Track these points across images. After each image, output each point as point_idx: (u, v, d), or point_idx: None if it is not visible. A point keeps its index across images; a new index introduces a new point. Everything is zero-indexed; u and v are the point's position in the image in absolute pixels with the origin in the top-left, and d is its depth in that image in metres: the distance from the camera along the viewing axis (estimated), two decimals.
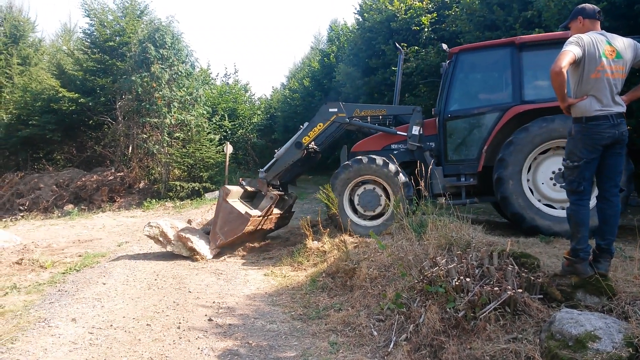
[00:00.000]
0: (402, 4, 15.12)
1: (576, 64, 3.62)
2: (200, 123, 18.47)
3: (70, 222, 12.45)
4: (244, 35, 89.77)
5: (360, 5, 18.12)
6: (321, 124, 7.86)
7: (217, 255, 7.32)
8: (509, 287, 3.56)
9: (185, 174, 17.40)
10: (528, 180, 6.45)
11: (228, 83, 29.88)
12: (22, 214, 14.22)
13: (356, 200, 7.23)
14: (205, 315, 4.68)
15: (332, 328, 4.21)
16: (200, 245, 7.15)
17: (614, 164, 3.70)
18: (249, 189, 7.95)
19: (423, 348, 3.51)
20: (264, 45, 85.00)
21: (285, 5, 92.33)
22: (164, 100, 16.93)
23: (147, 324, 4.42)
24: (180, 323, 4.45)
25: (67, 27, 28.46)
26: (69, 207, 14.66)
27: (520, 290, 3.56)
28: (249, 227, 7.22)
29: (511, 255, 4.11)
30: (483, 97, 7.40)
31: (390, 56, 14.70)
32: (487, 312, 3.42)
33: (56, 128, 18.26)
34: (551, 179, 6.36)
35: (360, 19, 18.06)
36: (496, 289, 3.55)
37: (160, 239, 7.22)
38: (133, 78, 16.35)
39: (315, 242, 6.83)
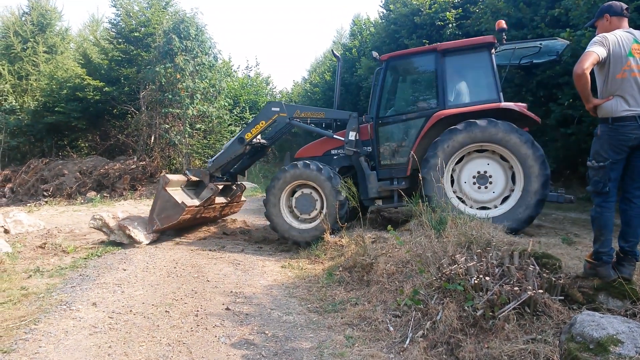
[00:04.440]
0: None
1: (601, 64, 3.55)
2: (221, 115, 18.60)
3: (92, 208, 12.66)
4: (265, 29, 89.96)
5: None
6: (263, 122, 8.12)
7: (157, 241, 7.64)
8: (530, 287, 3.52)
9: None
10: (453, 174, 6.59)
11: (250, 75, 30.01)
12: (46, 200, 14.50)
13: (293, 203, 7.43)
14: (223, 304, 4.72)
15: (348, 322, 4.21)
16: (137, 232, 7.39)
17: (639, 166, 3.61)
18: (193, 178, 8.25)
19: (440, 345, 3.48)
20: (285, 39, 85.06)
21: None
22: (187, 92, 17.08)
23: (166, 311, 4.48)
24: (198, 311, 4.50)
25: (94, 17, 28.84)
26: (92, 194, 14.90)
27: (540, 291, 3.51)
28: (186, 216, 7.50)
29: (532, 256, 4.06)
30: (411, 103, 7.70)
31: None
32: (506, 312, 3.38)
33: (81, 116, 18.58)
34: (474, 177, 6.49)
35: (385, 12, 17.91)
36: (516, 288, 3.51)
37: (104, 229, 7.54)
38: (157, 69, 16.52)
39: (333, 235, 6.83)
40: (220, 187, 8.39)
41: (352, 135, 7.47)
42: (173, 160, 18.31)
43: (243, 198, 9.87)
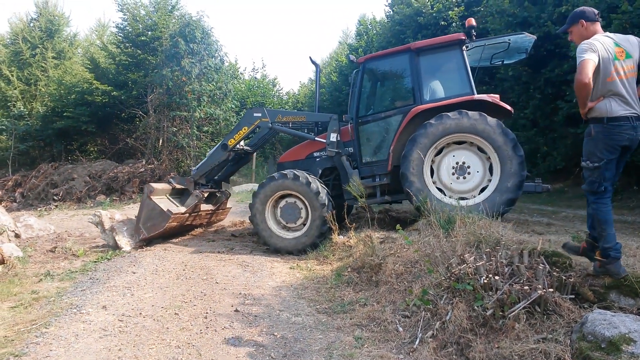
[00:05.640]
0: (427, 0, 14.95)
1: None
2: (228, 117, 18.67)
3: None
4: (271, 30, 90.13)
5: None
6: (246, 127, 8.28)
7: (146, 245, 7.62)
8: (540, 286, 3.49)
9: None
10: (432, 165, 6.73)
11: (256, 77, 30.05)
12: (56, 204, 14.60)
13: (278, 212, 7.41)
14: (232, 305, 4.73)
15: (357, 323, 4.20)
16: (121, 237, 7.47)
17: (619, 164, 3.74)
18: (178, 186, 8.31)
19: (449, 345, 3.47)
20: (291, 40, 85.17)
21: (314, 0, 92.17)
22: (194, 95, 17.15)
23: (175, 313, 4.50)
24: (207, 313, 4.51)
25: (101, 22, 29.10)
26: (101, 197, 14.99)
27: (551, 290, 3.49)
28: (172, 224, 7.52)
29: (542, 254, 4.03)
30: (388, 101, 7.97)
31: None
32: (516, 311, 3.36)
33: (90, 120, 18.71)
34: (453, 173, 6.66)
35: (391, 12, 17.91)
36: (526, 287, 3.48)
37: (99, 227, 7.73)
38: (164, 72, 16.61)
39: (341, 236, 6.82)
40: (206, 194, 8.47)
41: (333, 137, 7.62)
42: (181, 163, 18.39)
43: (229, 205, 9.90)
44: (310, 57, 8.64)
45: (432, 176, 6.70)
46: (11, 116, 19.57)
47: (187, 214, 7.91)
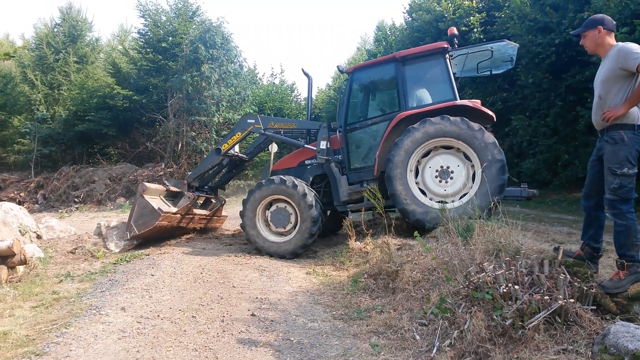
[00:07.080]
0: (450, 5, 14.88)
1: (631, 72, 3.67)
2: None
3: (122, 214, 12.89)
4: (290, 36, 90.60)
5: (410, 5, 17.95)
6: (239, 133, 8.56)
7: (137, 247, 7.76)
8: (560, 296, 3.43)
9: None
10: (419, 186, 6.84)
11: (274, 83, 30.24)
12: (76, 206, 14.84)
13: (269, 216, 7.51)
14: (248, 310, 4.74)
15: (373, 330, 4.18)
16: (109, 241, 7.76)
17: None
18: (172, 188, 8.46)
19: (467, 355, 3.42)
20: (310, 46, 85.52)
21: (332, 6, 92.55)
22: (213, 100, 17.32)
23: (193, 316, 4.52)
24: (224, 316, 4.53)
25: (123, 28, 29.54)
26: (121, 200, 15.19)
27: (572, 300, 3.42)
28: (162, 222, 7.58)
29: (563, 264, 3.97)
30: (375, 108, 8.20)
31: None
32: (536, 322, 3.30)
33: (111, 124, 19.01)
34: (436, 177, 6.76)
35: (410, 19, 17.90)
36: (546, 297, 3.42)
37: (100, 237, 8.00)
38: (184, 77, 16.80)
39: (358, 242, 6.81)
40: (201, 200, 8.57)
41: (323, 144, 7.77)
42: None
43: (224, 213, 10.02)
44: (302, 69, 8.81)
45: (425, 195, 6.76)
46: (34, 119, 19.97)
47: (179, 215, 8.00)
